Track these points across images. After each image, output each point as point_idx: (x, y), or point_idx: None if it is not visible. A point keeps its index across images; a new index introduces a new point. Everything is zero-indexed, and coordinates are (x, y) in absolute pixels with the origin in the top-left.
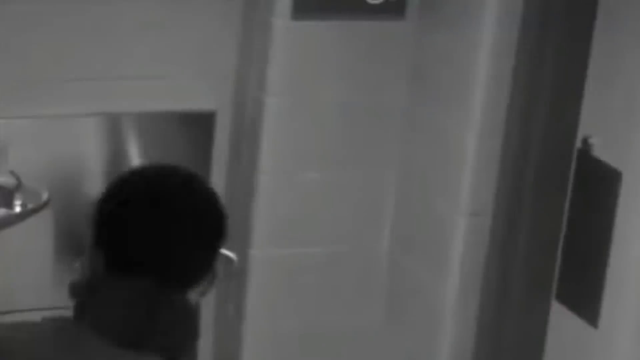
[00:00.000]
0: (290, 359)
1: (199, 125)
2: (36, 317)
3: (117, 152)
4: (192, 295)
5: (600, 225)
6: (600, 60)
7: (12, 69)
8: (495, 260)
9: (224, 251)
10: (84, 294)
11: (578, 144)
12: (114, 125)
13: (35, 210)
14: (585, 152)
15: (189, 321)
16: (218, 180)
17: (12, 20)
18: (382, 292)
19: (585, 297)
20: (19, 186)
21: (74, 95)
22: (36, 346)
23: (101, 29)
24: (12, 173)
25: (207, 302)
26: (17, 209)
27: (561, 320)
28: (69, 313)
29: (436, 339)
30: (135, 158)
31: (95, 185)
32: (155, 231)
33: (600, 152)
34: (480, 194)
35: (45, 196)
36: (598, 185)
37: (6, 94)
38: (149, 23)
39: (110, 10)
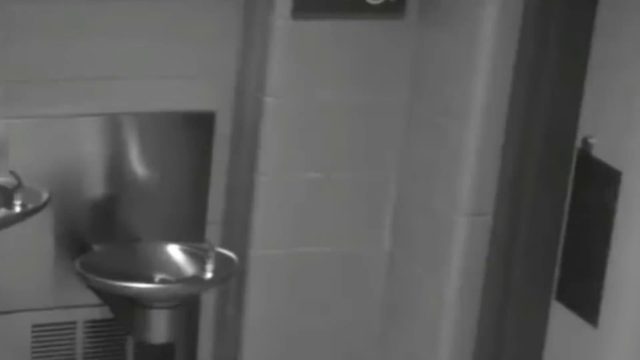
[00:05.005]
0: (290, 358)
1: (199, 125)
2: (37, 317)
3: (117, 152)
4: None
5: (600, 225)
6: (600, 60)
7: (11, 69)
8: (495, 261)
9: (224, 251)
10: None
11: (578, 144)
12: (114, 125)
13: (35, 210)
14: (585, 152)
15: None
16: (218, 180)
17: (12, 20)
18: (382, 292)
19: (585, 297)
20: (19, 186)
21: (74, 95)
22: None
23: (101, 29)
24: (12, 173)
25: (207, 302)
26: (17, 209)
27: (561, 320)
28: (69, 313)
29: (436, 339)
30: (135, 158)
31: (95, 185)
32: None
33: (600, 152)
34: (480, 194)
35: (45, 196)
36: (598, 185)
37: (6, 94)
38: (149, 23)
39: (110, 10)
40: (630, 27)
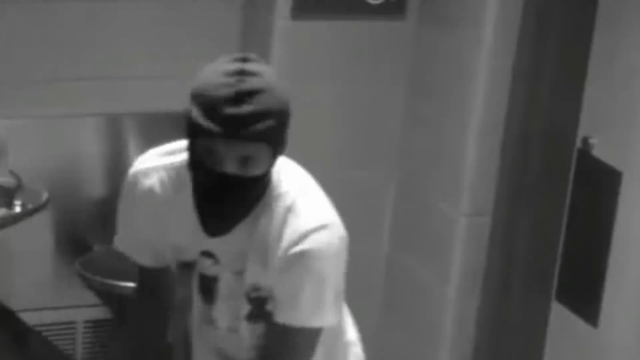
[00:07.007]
0: None
1: None
2: (37, 317)
3: (117, 152)
4: None
5: (600, 225)
6: (600, 60)
7: (12, 69)
8: (495, 260)
9: None
10: None
11: (578, 144)
12: (114, 125)
13: (35, 210)
14: (585, 152)
15: None
16: None
17: (12, 20)
18: (382, 292)
19: (585, 297)
20: (19, 186)
21: (74, 95)
22: None
23: (101, 29)
24: (12, 173)
25: None
26: (17, 209)
27: (561, 320)
28: (69, 313)
29: (436, 339)
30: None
31: (95, 185)
32: None
33: (600, 152)
34: (480, 194)
35: (45, 196)
36: (598, 185)
37: (6, 94)
38: (149, 23)
39: (111, 10)
40: (630, 27)
